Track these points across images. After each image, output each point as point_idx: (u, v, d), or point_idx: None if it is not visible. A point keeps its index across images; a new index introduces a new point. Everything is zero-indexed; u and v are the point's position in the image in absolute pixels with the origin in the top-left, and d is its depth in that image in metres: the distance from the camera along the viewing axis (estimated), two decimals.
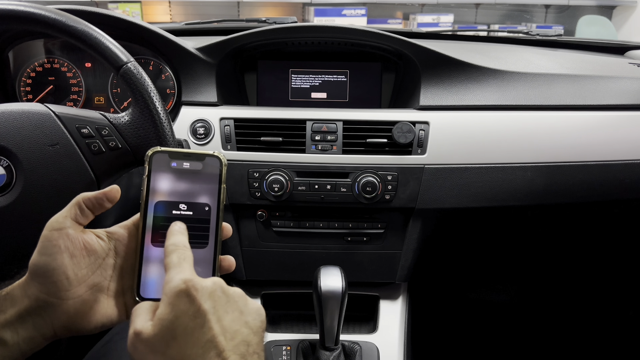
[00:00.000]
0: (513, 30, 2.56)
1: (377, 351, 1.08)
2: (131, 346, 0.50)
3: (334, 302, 0.95)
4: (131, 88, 0.81)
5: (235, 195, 1.06)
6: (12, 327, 0.53)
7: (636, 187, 1.12)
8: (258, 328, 0.52)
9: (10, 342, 0.53)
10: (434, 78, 1.12)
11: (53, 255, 0.53)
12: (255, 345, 0.51)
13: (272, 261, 1.15)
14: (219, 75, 1.13)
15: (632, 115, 1.12)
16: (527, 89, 1.12)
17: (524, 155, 1.08)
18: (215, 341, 0.48)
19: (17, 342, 0.53)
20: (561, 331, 1.71)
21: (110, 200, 0.58)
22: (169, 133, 0.82)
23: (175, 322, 0.49)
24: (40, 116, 0.77)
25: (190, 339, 0.48)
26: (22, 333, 0.53)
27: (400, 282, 1.17)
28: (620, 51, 1.55)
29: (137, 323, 0.50)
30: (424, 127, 1.07)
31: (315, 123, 1.08)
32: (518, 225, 1.55)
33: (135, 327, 0.50)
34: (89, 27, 0.81)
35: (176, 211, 0.58)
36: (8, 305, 0.54)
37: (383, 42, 1.14)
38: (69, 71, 1.16)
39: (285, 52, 1.24)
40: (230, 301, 0.52)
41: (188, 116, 1.09)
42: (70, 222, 0.55)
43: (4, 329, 0.53)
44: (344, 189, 1.06)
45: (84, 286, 0.55)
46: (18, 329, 0.53)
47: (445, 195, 1.07)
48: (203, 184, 0.58)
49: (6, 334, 0.53)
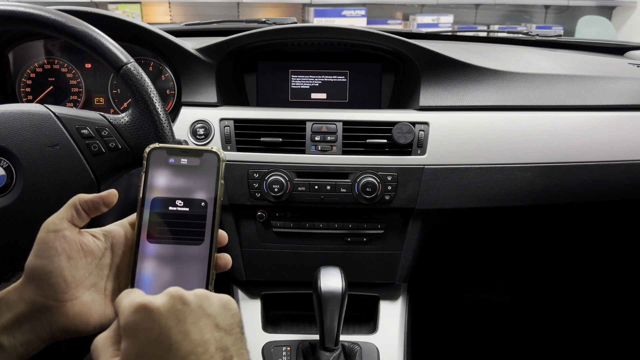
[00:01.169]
0: (513, 31, 2.56)
1: (377, 352, 1.08)
2: None
3: (334, 303, 0.95)
4: (131, 89, 0.81)
5: (235, 196, 1.06)
6: (8, 332, 0.52)
7: (636, 188, 1.12)
8: (230, 325, 0.49)
9: (7, 346, 0.52)
10: (433, 78, 1.12)
11: (50, 257, 0.52)
12: (232, 347, 0.48)
13: (272, 262, 1.14)
14: (219, 75, 1.13)
15: (632, 116, 1.12)
16: (526, 89, 1.12)
17: (523, 155, 1.08)
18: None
19: (14, 346, 0.52)
20: (561, 332, 1.71)
21: (107, 204, 0.57)
22: (168, 134, 0.82)
23: (140, 354, 0.45)
24: (40, 117, 0.77)
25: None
26: (19, 337, 0.52)
27: (400, 282, 1.17)
28: (619, 51, 1.55)
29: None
30: (423, 127, 1.08)
31: (315, 124, 1.08)
32: (518, 226, 1.55)
33: None
34: (88, 27, 0.81)
35: (172, 207, 0.57)
36: (4, 309, 0.53)
37: (383, 43, 1.14)
38: (68, 72, 1.16)
39: (285, 52, 1.24)
40: (194, 309, 0.48)
41: (188, 117, 1.09)
42: (66, 224, 0.54)
43: (0, 334, 0.52)
44: (344, 190, 1.06)
45: (81, 288, 0.54)
46: (15, 333, 0.52)
47: (445, 196, 1.07)
48: (200, 180, 0.58)
49: (3, 339, 0.52)
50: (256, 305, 1.16)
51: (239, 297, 1.18)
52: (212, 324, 0.48)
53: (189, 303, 0.48)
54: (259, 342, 1.10)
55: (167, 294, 0.48)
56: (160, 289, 0.56)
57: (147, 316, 0.46)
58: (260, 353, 1.08)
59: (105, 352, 0.48)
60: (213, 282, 0.57)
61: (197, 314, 0.48)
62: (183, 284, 0.56)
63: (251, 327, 1.13)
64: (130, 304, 0.47)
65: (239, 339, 0.49)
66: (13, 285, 0.54)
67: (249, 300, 1.18)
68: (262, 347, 1.09)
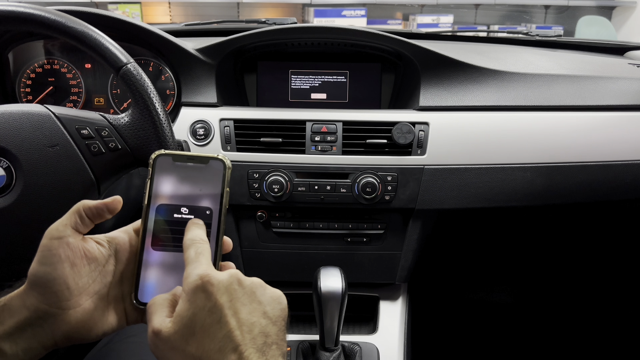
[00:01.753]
0: (513, 31, 2.56)
1: (377, 352, 1.08)
2: (152, 345, 0.50)
3: (334, 303, 0.95)
4: (131, 89, 0.81)
5: (235, 196, 1.06)
6: (11, 338, 0.52)
7: (636, 187, 1.12)
8: (277, 317, 0.52)
9: (9, 352, 0.52)
10: (433, 79, 1.12)
11: (53, 265, 0.52)
12: (274, 336, 0.51)
13: (272, 262, 1.14)
14: (219, 76, 1.13)
15: (632, 116, 1.12)
16: (526, 89, 1.12)
17: (523, 155, 1.08)
18: (232, 335, 0.48)
19: (16, 353, 0.52)
20: (561, 331, 1.71)
21: (111, 211, 0.57)
22: (168, 134, 0.82)
23: (193, 318, 0.49)
24: (40, 117, 0.77)
25: (208, 334, 0.48)
26: (22, 343, 0.52)
27: (400, 282, 1.17)
28: (619, 52, 1.55)
29: (154, 321, 0.50)
30: (423, 127, 1.07)
31: (315, 124, 1.08)
32: (518, 226, 1.55)
33: (154, 326, 0.50)
34: (88, 28, 0.81)
35: (177, 215, 0.57)
36: (6, 316, 0.52)
37: (383, 43, 1.14)
38: (68, 72, 1.16)
39: (285, 53, 1.24)
40: (248, 292, 0.51)
41: (188, 117, 1.09)
42: (70, 231, 0.54)
43: (2, 340, 0.52)
44: (344, 190, 1.06)
45: (84, 295, 0.54)
46: (17, 339, 0.52)
47: (445, 196, 1.07)
48: (206, 187, 0.57)
49: (5, 345, 0.52)
50: None
51: None
52: (260, 311, 0.51)
53: (245, 286, 0.52)
54: None
55: (229, 273, 0.52)
56: None
57: (207, 287, 0.50)
58: None
59: (161, 312, 0.51)
60: None
61: (250, 298, 0.51)
62: None
63: None
64: (197, 273, 0.50)
65: (281, 331, 0.52)
66: (16, 292, 0.54)
67: None
68: None
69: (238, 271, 0.53)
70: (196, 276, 0.50)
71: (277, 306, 0.53)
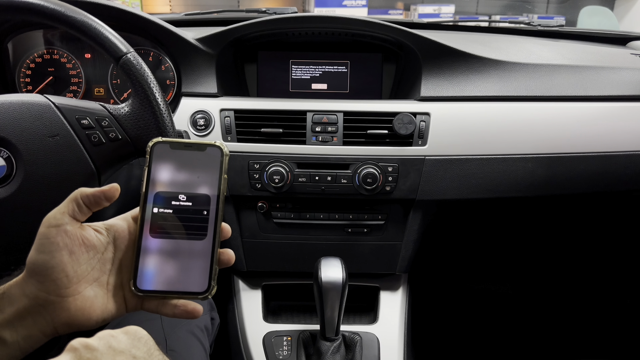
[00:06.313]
0: (514, 21, 2.55)
1: (378, 341, 1.09)
2: None
3: (335, 293, 0.96)
4: (131, 79, 0.80)
5: (235, 187, 1.06)
6: (11, 326, 0.52)
7: (637, 179, 1.12)
8: (147, 352, 0.49)
9: (10, 340, 0.52)
10: (434, 69, 1.12)
11: (51, 252, 0.52)
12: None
13: (272, 252, 1.15)
14: (219, 66, 1.13)
15: (634, 106, 1.11)
16: (528, 79, 1.11)
17: (525, 146, 1.08)
18: None
19: (16, 341, 0.52)
20: (560, 321, 1.72)
21: (109, 198, 0.56)
22: (169, 124, 0.82)
23: None
24: (40, 107, 0.77)
25: None
26: (22, 331, 0.53)
27: (400, 273, 1.17)
28: (622, 42, 1.54)
29: None
30: (424, 118, 1.07)
31: (315, 114, 1.07)
32: (519, 217, 1.55)
33: None
34: (88, 17, 0.80)
35: (175, 202, 0.57)
36: (6, 304, 0.53)
37: (384, 33, 1.14)
38: (68, 62, 1.16)
39: (286, 42, 1.23)
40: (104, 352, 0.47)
41: (188, 107, 1.09)
42: (68, 219, 0.53)
43: (2, 328, 0.52)
44: (345, 180, 1.06)
45: (83, 282, 0.54)
46: (17, 327, 0.52)
47: (445, 187, 1.07)
48: (203, 174, 0.58)
49: (5, 333, 0.52)
50: (257, 296, 1.17)
51: (239, 288, 1.18)
52: (130, 359, 0.47)
53: (95, 348, 0.47)
54: (260, 332, 1.10)
55: (70, 349, 0.46)
56: (162, 284, 0.56)
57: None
58: (261, 343, 1.08)
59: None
60: (216, 277, 0.57)
61: (110, 356, 0.47)
62: (186, 279, 0.56)
63: (252, 318, 1.13)
64: None
65: (156, 356, 0.49)
66: (15, 280, 0.54)
67: (249, 290, 1.18)
68: (263, 337, 1.09)
69: (79, 339, 0.47)
70: None
71: (139, 342, 0.50)
